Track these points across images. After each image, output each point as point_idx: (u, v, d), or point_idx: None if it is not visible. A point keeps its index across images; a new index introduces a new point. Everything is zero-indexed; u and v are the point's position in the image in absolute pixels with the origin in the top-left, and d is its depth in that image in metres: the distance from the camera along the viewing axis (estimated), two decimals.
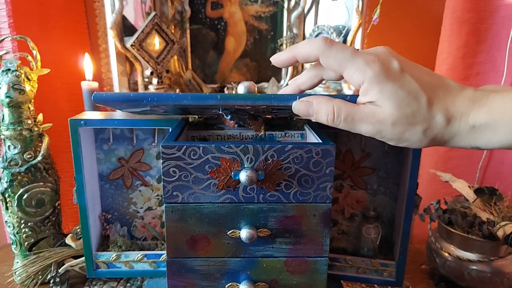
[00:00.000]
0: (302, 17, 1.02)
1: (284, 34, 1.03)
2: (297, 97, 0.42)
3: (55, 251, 0.73)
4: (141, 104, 0.43)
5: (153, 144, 0.68)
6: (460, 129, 0.37)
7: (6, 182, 0.70)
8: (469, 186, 0.78)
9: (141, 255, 0.67)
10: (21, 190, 0.70)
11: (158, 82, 0.98)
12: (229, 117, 0.51)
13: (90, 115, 0.63)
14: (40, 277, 0.73)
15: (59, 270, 0.71)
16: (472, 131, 0.37)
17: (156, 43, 0.95)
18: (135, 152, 0.68)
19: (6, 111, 0.69)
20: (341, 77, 0.43)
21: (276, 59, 0.44)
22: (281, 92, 0.49)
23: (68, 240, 0.71)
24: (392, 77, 0.37)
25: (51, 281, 0.71)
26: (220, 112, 0.51)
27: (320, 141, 0.48)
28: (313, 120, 0.42)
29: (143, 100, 0.42)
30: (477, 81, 0.93)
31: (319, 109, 0.40)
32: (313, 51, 0.40)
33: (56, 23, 0.90)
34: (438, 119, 0.37)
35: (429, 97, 0.37)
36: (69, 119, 0.60)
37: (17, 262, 0.74)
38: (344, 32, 0.95)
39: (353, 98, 0.40)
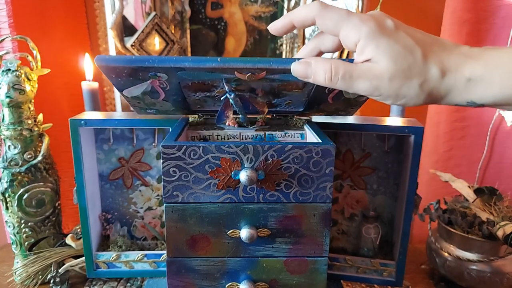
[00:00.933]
0: None
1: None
2: (296, 59, 0.42)
3: (55, 251, 0.73)
4: (142, 68, 0.43)
5: (153, 144, 0.68)
6: (456, 83, 0.38)
7: (6, 182, 0.70)
8: (469, 186, 0.78)
9: (141, 255, 0.67)
10: (21, 190, 0.70)
11: None
12: (232, 95, 0.50)
13: (90, 115, 0.63)
14: (40, 277, 0.73)
15: (59, 270, 0.71)
16: (468, 85, 0.38)
17: (156, 43, 0.95)
18: (135, 152, 0.68)
19: (6, 111, 0.69)
20: (338, 47, 0.44)
21: (272, 27, 0.44)
22: None
23: (68, 240, 0.71)
24: (387, 33, 0.38)
25: (51, 281, 0.71)
26: (223, 87, 0.50)
27: (320, 141, 0.48)
28: (311, 82, 0.42)
29: (145, 62, 0.42)
30: None
31: (317, 69, 0.41)
32: (309, 13, 0.40)
33: (56, 23, 0.90)
34: (434, 72, 0.38)
35: (424, 51, 0.38)
36: (69, 119, 0.60)
37: (17, 262, 0.74)
38: None
39: (350, 61, 0.41)
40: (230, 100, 0.51)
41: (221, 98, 0.53)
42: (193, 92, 0.52)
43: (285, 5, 1.01)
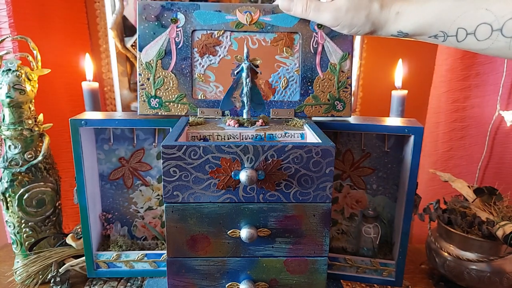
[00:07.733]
0: None
1: None
2: None
3: (56, 250, 0.73)
4: (169, 6, 0.58)
5: (153, 144, 0.68)
6: (389, 15, 0.53)
7: (7, 182, 0.70)
8: (468, 186, 0.78)
9: (141, 254, 0.67)
10: (22, 190, 0.70)
11: None
12: (246, 64, 0.56)
13: (90, 115, 0.63)
14: (40, 276, 0.73)
15: (60, 270, 0.71)
16: (397, 17, 0.53)
17: None
18: (136, 152, 0.68)
19: (6, 111, 0.69)
20: None
21: None
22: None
23: (68, 240, 0.71)
24: None
25: (52, 281, 0.71)
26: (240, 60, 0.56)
27: (320, 141, 0.48)
28: (291, 14, 0.59)
29: None
30: (477, 82, 0.94)
31: (297, 3, 0.57)
32: None
33: (56, 23, 0.90)
34: (375, 6, 0.53)
35: None
36: (69, 119, 0.60)
37: (18, 262, 0.74)
38: None
39: None
40: (244, 69, 0.56)
41: (234, 72, 0.57)
42: (200, 56, 0.60)
43: None
